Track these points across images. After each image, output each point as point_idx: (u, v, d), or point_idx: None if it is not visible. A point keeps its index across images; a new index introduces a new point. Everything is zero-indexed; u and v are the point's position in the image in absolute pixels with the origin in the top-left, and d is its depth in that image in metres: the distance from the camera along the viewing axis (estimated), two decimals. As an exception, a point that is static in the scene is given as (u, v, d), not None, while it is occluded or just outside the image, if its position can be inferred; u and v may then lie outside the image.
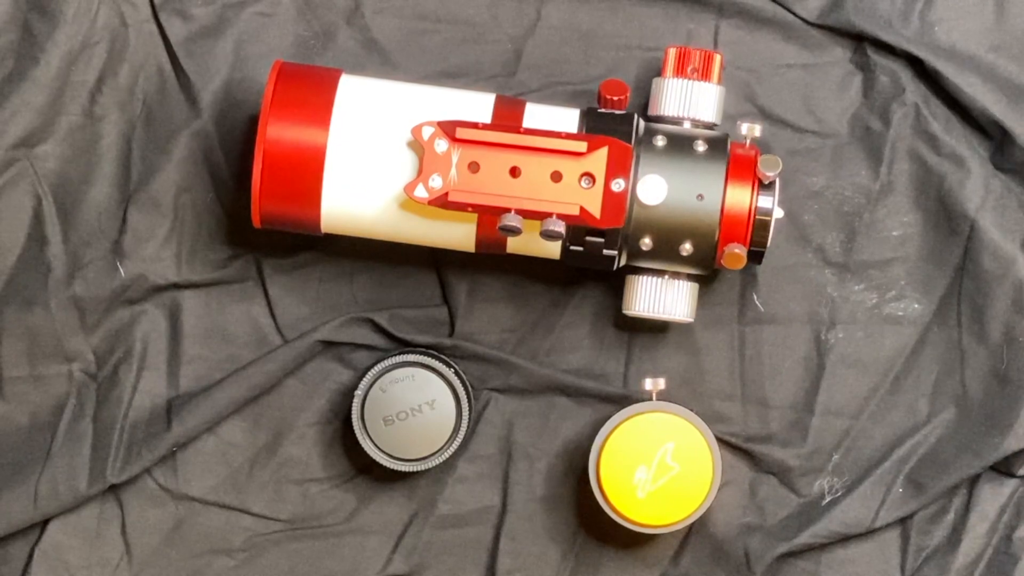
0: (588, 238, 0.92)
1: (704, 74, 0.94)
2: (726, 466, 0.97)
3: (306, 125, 0.91)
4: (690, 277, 0.95)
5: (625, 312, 0.96)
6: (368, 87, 0.93)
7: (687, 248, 0.92)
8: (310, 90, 0.92)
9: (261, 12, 1.00)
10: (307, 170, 0.91)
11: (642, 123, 0.94)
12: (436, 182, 0.89)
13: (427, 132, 0.89)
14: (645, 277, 0.95)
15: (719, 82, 0.95)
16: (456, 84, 0.96)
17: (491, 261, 0.98)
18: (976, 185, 0.99)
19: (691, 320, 0.96)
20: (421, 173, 0.89)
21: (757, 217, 0.92)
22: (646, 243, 0.92)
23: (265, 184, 0.91)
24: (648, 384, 0.96)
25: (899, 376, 1.00)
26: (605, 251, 0.92)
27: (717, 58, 0.95)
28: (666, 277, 0.95)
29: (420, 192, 0.89)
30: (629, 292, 0.96)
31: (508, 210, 0.89)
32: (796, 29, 1.00)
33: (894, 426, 1.00)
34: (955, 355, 1.00)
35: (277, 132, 0.91)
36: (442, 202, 0.89)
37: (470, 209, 0.90)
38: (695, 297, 0.96)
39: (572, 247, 0.93)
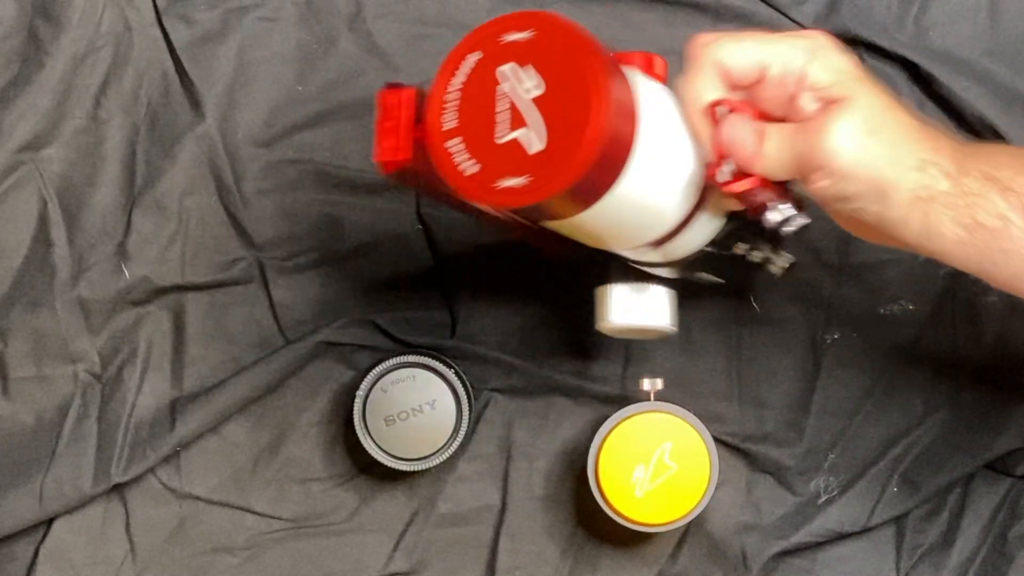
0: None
1: None
2: (723, 465, 0.98)
3: (625, 120, 0.79)
4: (663, 282, 0.91)
5: (598, 326, 0.92)
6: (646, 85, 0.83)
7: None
8: (623, 84, 0.80)
9: (264, 17, 1.00)
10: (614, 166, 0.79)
11: None
12: (730, 166, 0.82)
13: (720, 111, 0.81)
14: (620, 285, 0.91)
15: None
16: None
17: (492, 263, 0.98)
18: (970, 188, 0.99)
19: (675, 330, 0.92)
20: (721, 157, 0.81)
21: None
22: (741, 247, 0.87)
23: (588, 174, 0.76)
24: (646, 384, 0.96)
25: (894, 376, 1.00)
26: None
27: None
28: (643, 283, 0.90)
29: (723, 176, 0.81)
30: (604, 303, 0.91)
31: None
32: (792, 34, 1.01)
33: (889, 426, 1.00)
34: (949, 356, 1.00)
35: (606, 126, 0.76)
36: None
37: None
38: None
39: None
